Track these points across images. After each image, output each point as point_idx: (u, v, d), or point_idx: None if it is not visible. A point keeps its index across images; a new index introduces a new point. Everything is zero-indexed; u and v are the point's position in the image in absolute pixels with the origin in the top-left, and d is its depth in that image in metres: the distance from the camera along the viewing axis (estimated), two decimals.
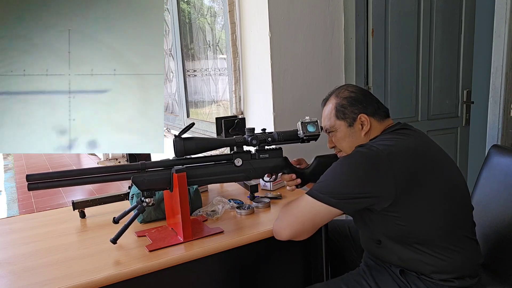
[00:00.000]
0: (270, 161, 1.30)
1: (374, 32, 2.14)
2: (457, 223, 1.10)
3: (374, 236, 1.17)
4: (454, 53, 2.45)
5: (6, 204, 4.72)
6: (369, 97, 1.21)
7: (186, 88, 3.10)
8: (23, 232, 1.36)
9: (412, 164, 1.06)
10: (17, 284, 1.00)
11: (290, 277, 1.46)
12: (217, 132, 1.70)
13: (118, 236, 1.15)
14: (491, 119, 1.84)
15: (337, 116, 1.21)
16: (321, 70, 2.04)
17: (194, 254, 1.14)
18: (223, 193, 1.68)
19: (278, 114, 1.93)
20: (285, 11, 1.88)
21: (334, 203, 1.05)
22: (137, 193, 1.35)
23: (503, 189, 1.37)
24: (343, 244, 1.54)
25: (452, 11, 2.39)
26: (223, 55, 2.63)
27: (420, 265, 1.10)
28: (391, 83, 2.26)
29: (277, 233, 1.16)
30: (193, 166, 1.22)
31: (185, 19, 3.11)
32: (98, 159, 6.08)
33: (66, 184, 1.11)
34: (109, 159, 5.24)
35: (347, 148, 1.21)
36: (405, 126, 1.18)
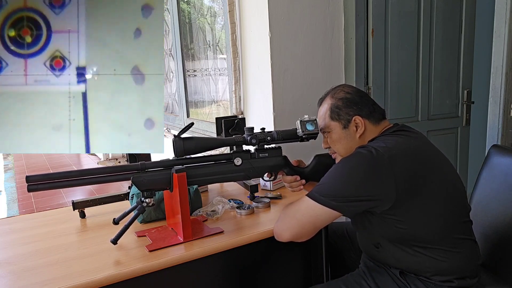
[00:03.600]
0: (269, 160, 1.30)
1: (374, 32, 2.14)
2: (455, 224, 1.10)
3: (373, 239, 1.17)
4: (454, 53, 2.45)
5: (6, 204, 4.72)
6: (365, 99, 1.20)
7: (186, 88, 3.11)
8: (23, 232, 1.36)
9: (412, 166, 1.06)
10: (17, 284, 1.00)
11: (290, 278, 1.46)
12: (217, 132, 1.70)
13: (118, 237, 1.15)
14: (491, 119, 1.84)
15: (331, 117, 1.20)
16: (321, 70, 2.04)
17: (194, 254, 1.14)
18: (223, 193, 1.68)
19: (278, 114, 1.93)
20: (285, 11, 1.88)
21: (335, 206, 1.05)
22: (137, 193, 1.35)
23: (503, 189, 1.37)
24: (342, 246, 1.54)
25: (452, 11, 2.39)
26: (223, 55, 2.63)
27: (419, 267, 1.10)
28: (391, 83, 2.26)
29: (278, 235, 1.16)
30: (193, 166, 1.22)
31: (185, 19, 3.11)
32: (98, 159, 6.07)
33: (66, 185, 1.11)
34: (109, 159, 5.24)
35: (342, 150, 1.20)
36: (404, 128, 1.17)
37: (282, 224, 1.15)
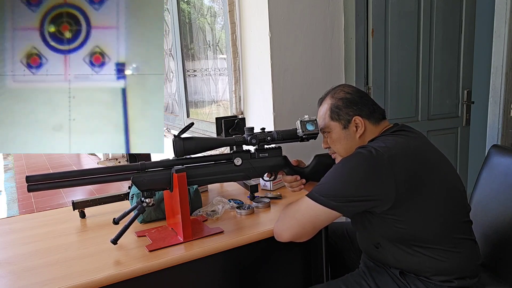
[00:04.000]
0: (269, 160, 1.30)
1: (374, 32, 2.14)
2: (455, 224, 1.10)
3: (373, 239, 1.17)
4: (454, 53, 2.45)
5: (6, 204, 4.72)
6: (365, 99, 1.20)
7: (186, 88, 3.11)
8: (23, 232, 1.36)
9: (412, 166, 1.06)
10: (17, 284, 1.00)
11: (290, 278, 1.46)
12: (217, 132, 1.70)
13: (118, 237, 1.15)
14: (491, 119, 1.84)
15: (331, 117, 1.20)
16: (321, 70, 2.04)
17: (194, 254, 1.14)
18: (223, 193, 1.68)
19: (278, 114, 1.93)
20: (285, 11, 1.88)
21: (335, 206, 1.05)
22: (137, 193, 1.35)
23: (503, 189, 1.37)
24: (342, 246, 1.54)
25: (452, 11, 2.39)
26: (223, 55, 2.63)
27: (419, 267, 1.10)
28: (391, 83, 2.26)
29: (278, 235, 1.16)
30: (193, 166, 1.22)
31: (185, 19, 3.11)
32: (98, 159, 6.07)
33: (66, 185, 1.11)
34: (109, 159, 5.24)
35: (342, 150, 1.20)
36: (404, 128, 1.17)
37: (282, 224, 1.15)
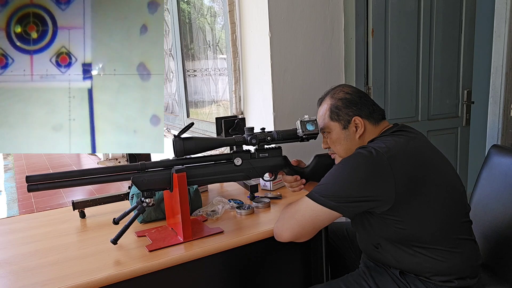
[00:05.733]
0: (269, 160, 1.30)
1: (374, 32, 2.14)
2: (455, 224, 1.10)
3: (373, 239, 1.17)
4: (454, 53, 2.45)
5: (6, 204, 4.72)
6: (364, 99, 1.20)
7: (186, 88, 3.11)
8: (23, 232, 1.36)
9: (412, 167, 1.06)
10: (17, 284, 1.00)
11: (290, 278, 1.46)
12: (217, 132, 1.70)
13: (118, 237, 1.15)
14: (491, 119, 1.84)
15: (331, 117, 1.20)
16: (321, 70, 2.04)
17: (194, 254, 1.14)
18: (223, 193, 1.68)
19: (278, 114, 1.93)
20: (285, 11, 1.88)
21: (335, 206, 1.05)
22: (137, 193, 1.35)
23: (503, 189, 1.37)
24: (342, 246, 1.54)
25: (452, 11, 2.39)
26: (223, 55, 2.63)
27: (419, 267, 1.10)
28: (391, 83, 2.26)
29: (278, 235, 1.16)
30: (193, 166, 1.22)
31: (185, 19, 3.11)
32: (98, 159, 6.07)
33: (66, 185, 1.11)
34: (109, 159, 5.23)
35: (341, 151, 1.20)
36: (403, 128, 1.17)
37: (282, 224, 1.15)
